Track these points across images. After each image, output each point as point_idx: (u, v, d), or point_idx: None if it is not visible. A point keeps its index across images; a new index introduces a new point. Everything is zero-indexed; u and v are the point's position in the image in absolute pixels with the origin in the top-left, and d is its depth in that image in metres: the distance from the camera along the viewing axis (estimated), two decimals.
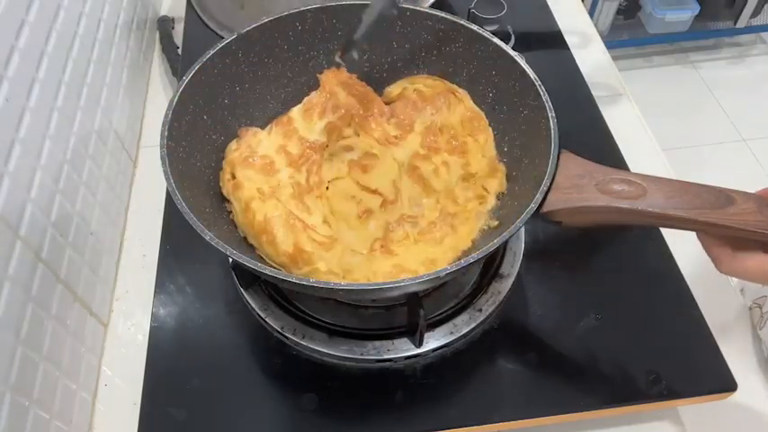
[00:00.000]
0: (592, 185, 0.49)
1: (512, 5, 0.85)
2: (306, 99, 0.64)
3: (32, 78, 0.55)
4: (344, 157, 0.60)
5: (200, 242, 0.46)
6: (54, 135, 0.57)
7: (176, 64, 0.86)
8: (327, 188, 0.59)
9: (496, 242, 0.47)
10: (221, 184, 0.59)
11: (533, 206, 0.49)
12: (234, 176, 0.59)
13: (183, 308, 0.62)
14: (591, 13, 2.07)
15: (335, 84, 0.63)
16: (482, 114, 0.64)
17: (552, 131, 0.53)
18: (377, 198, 0.58)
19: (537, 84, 0.57)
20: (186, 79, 0.56)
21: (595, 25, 1.17)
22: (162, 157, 0.51)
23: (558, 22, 0.92)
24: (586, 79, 0.84)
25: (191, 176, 0.55)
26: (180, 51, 0.88)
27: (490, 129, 0.63)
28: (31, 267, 0.52)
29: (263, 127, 0.64)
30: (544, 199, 0.49)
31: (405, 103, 0.64)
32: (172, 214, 0.67)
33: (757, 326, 0.64)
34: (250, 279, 0.61)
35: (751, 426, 0.59)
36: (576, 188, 0.49)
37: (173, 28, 0.93)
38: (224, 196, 0.59)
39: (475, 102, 0.64)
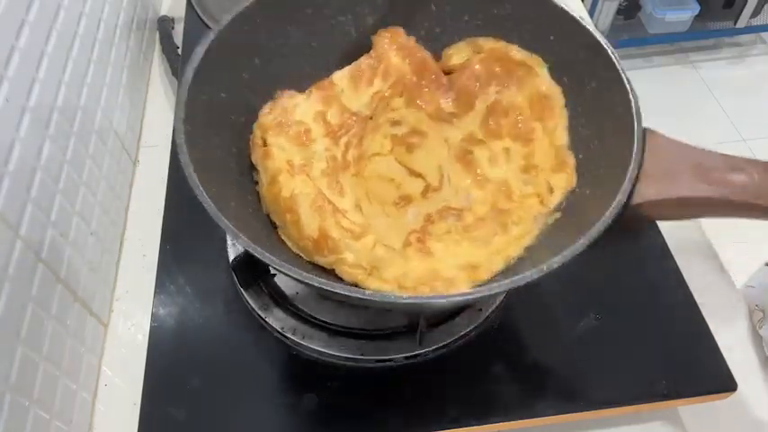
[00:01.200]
0: (687, 171, 0.42)
1: None
2: (354, 63, 0.57)
3: (32, 78, 0.55)
4: (389, 131, 0.54)
5: (200, 242, 0.46)
6: (54, 135, 0.57)
7: (176, 64, 0.86)
8: (365, 166, 0.53)
9: (580, 245, 0.40)
10: (251, 148, 0.53)
11: (621, 198, 0.41)
12: (265, 142, 0.52)
13: (183, 308, 0.62)
14: (591, 13, 2.07)
15: (390, 47, 0.56)
16: (559, 93, 0.54)
17: (633, 107, 0.45)
18: (419, 183, 0.52)
19: (609, 50, 0.49)
20: (203, 51, 0.49)
21: (595, 25, 1.16)
22: (179, 145, 0.44)
23: None
24: None
25: (210, 165, 0.47)
26: (180, 51, 0.87)
27: (566, 111, 0.53)
28: (31, 267, 0.52)
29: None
30: (633, 188, 0.42)
31: (467, 75, 0.56)
32: (172, 214, 0.67)
33: (757, 326, 0.64)
34: (250, 279, 0.61)
35: (751, 426, 0.59)
36: (670, 175, 0.42)
37: (173, 28, 0.93)
38: (248, 175, 0.53)
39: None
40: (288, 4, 0.56)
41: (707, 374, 0.57)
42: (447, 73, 0.59)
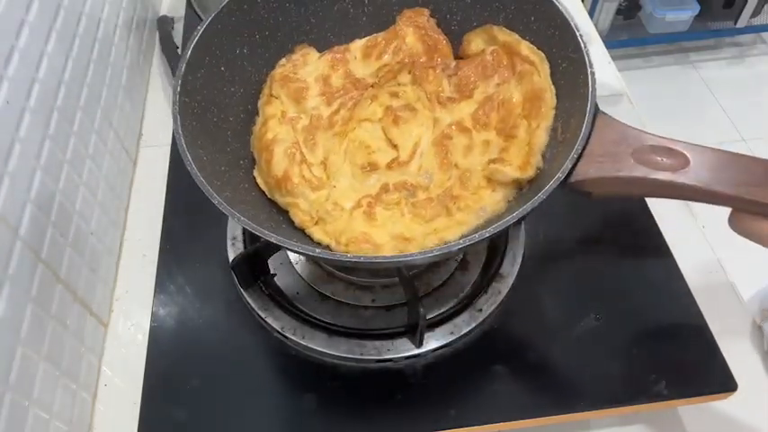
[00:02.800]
0: (628, 153, 0.44)
1: None
2: (372, 35, 0.62)
3: (32, 78, 0.55)
4: (386, 101, 0.58)
5: (200, 242, 0.46)
6: (54, 135, 0.57)
7: (176, 64, 0.86)
8: (353, 128, 0.57)
9: (527, 207, 0.43)
10: (261, 95, 0.60)
11: (560, 175, 0.44)
12: (271, 92, 0.59)
13: (183, 308, 0.62)
14: (591, 13, 2.07)
15: (409, 25, 0.60)
16: (552, 95, 0.54)
17: (590, 90, 0.47)
18: (392, 154, 0.56)
19: (578, 35, 0.51)
20: (201, 29, 0.53)
21: (595, 25, 1.17)
22: (173, 115, 0.48)
23: None
24: None
25: (206, 133, 0.52)
26: (180, 51, 0.87)
27: (553, 113, 0.53)
28: (31, 267, 0.52)
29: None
30: (574, 167, 0.44)
31: (475, 64, 0.58)
32: (172, 214, 0.67)
33: (761, 320, 0.64)
34: (250, 279, 0.61)
35: (751, 426, 0.59)
36: (611, 156, 0.44)
37: (172, 28, 0.93)
38: (242, 154, 0.57)
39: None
40: None
41: (707, 374, 0.57)
42: (458, 57, 0.61)
